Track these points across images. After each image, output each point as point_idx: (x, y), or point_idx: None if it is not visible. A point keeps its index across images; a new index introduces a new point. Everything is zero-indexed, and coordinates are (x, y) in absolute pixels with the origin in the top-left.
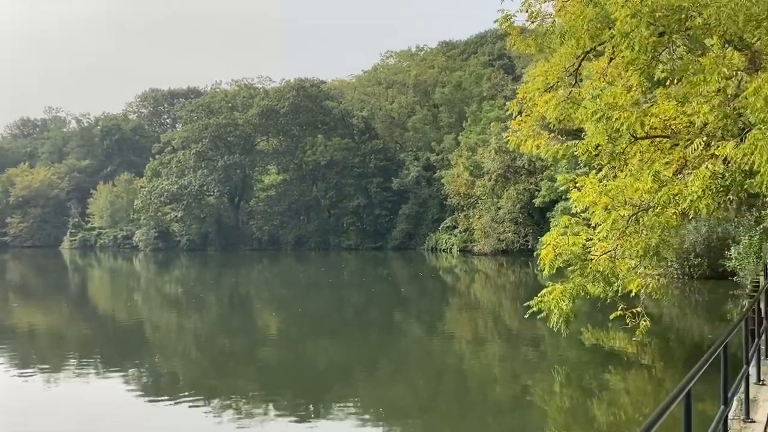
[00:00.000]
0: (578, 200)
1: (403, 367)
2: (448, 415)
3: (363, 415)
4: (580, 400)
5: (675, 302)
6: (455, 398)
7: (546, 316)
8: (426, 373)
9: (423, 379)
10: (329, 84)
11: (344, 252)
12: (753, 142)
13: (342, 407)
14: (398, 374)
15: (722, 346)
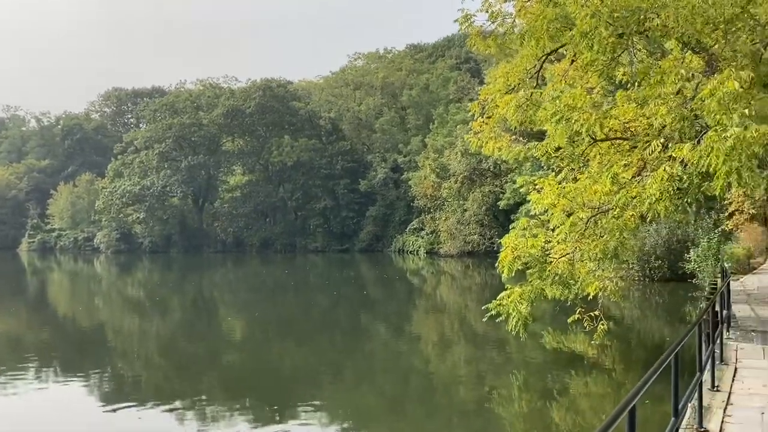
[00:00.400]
0: (537, 202)
1: (370, 369)
2: (414, 417)
3: (329, 418)
4: (541, 403)
5: (636, 304)
6: (421, 400)
7: (505, 320)
8: (392, 376)
9: (389, 381)
10: (296, 85)
11: (311, 254)
12: (709, 144)
13: (307, 410)
14: (364, 377)
15: (673, 354)
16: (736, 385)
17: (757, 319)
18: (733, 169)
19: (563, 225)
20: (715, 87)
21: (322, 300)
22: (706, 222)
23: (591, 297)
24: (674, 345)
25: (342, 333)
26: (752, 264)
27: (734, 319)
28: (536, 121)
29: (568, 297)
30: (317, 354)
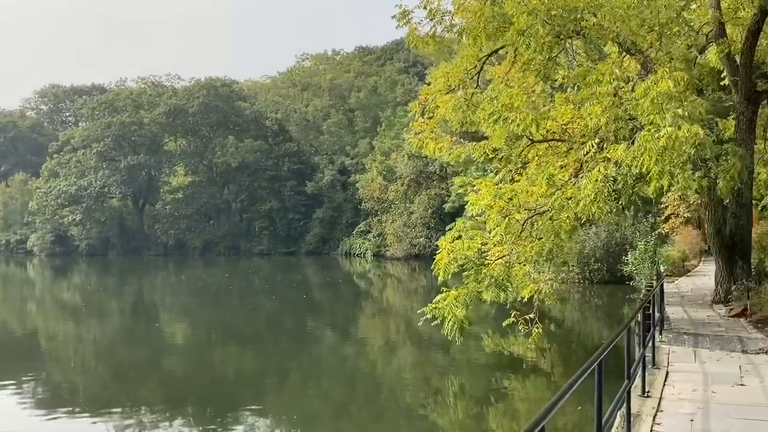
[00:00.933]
0: (474, 204)
1: (315, 373)
2: (360, 421)
3: (274, 424)
4: (481, 408)
5: (576, 306)
6: (367, 404)
7: (440, 323)
8: (338, 380)
9: (335, 385)
10: (242, 84)
11: (255, 257)
12: (642, 144)
13: (252, 416)
14: (310, 381)
15: (596, 363)
16: (666, 390)
17: (689, 321)
18: (666, 169)
19: (499, 227)
20: (649, 86)
21: (267, 303)
22: (643, 225)
23: (526, 300)
24: (596, 355)
25: (287, 337)
26: (687, 266)
27: (668, 321)
28: (476, 121)
29: (504, 300)
30: (262, 358)
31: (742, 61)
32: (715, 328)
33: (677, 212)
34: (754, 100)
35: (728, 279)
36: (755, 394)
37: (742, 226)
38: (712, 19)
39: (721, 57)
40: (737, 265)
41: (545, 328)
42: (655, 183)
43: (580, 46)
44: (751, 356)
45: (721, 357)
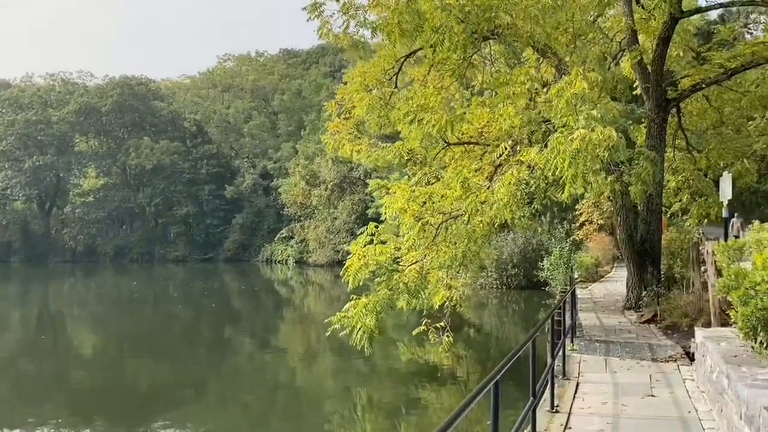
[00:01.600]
0: (388, 207)
1: (234, 384)
2: None
3: None
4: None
5: (494, 311)
6: (287, 415)
7: (349, 333)
8: (258, 390)
9: (255, 396)
10: (159, 83)
11: (171, 264)
12: (555, 146)
13: (166, 430)
14: (229, 392)
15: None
16: (576, 404)
17: (602, 328)
18: (579, 172)
19: (412, 231)
20: (563, 87)
21: (183, 313)
22: (558, 232)
23: (441, 306)
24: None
25: (205, 347)
26: (600, 272)
27: (580, 328)
28: (393, 122)
29: (420, 306)
30: (177, 370)
31: (653, 69)
32: (626, 335)
33: (591, 219)
34: (664, 107)
35: (639, 285)
36: (665, 406)
37: (653, 232)
38: (625, 26)
39: (633, 64)
40: (648, 271)
41: (464, 334)
42: (569, 187)
43: (498, 51)
44: (661, 364)
45: (631, 366)
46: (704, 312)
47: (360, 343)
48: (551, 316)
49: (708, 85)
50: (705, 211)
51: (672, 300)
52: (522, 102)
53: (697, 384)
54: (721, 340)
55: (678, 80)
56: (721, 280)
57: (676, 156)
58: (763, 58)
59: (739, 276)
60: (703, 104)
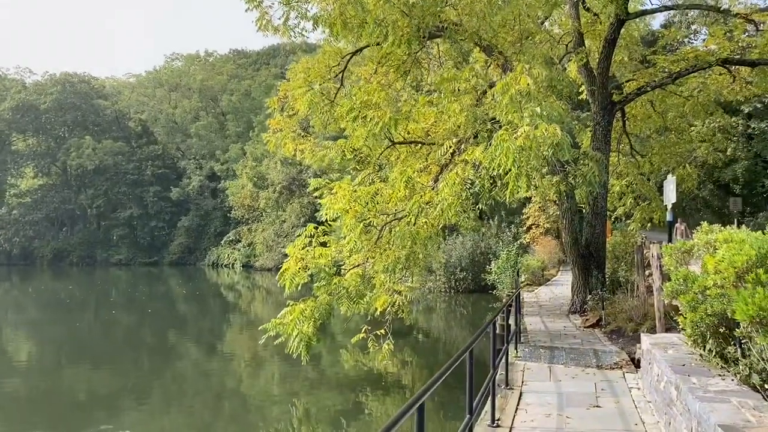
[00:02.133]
0: (329, 207)
1: (179, 392)
2: None
3: None
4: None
5: (442, 315)
6: (234, 421)
7: (285, 341)
8: (204, 397)
9: (200, 403)
10: (102, 81)
11: (113, 268)
12: (499, 144)
13: None
14: (173, 400)
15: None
16: (519, 417)
17: (547, 333)
18: (523, 171)
19: (353, 232)
20: (507, 83)
21: (126, 318)
22: (506, 235)
23: (380, 312)
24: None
25: (148, 353)
26: (546, 275)
27: (525, 333)
28: (335, 120)
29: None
30: (119, 377)
31: (599, 71)
32: (571, 340)
33: (538, 223)
34: (610, 110)
35: (584, 289)
36: (611, 418)
37: (598, 235)
38: (571, 29)
39: (579, 67)
40: (592, 275)
41: (412, 339)
42: (513, 185)
43: (446, 53)
44: (607, 372)
45: (576, 374)
46: (649, 317)
47: (296, 351)
48: (492, 323)
49: (653, 88)
50: (648, 215)
51: (616, 304)
52: (468, 100)
53: (643, 393)
54: (668, 347)
55: (623, 84)
56: (668, 285)
57: (620, 160)
58: (705, 63)
59: (688, 280)
60: (648, 109)
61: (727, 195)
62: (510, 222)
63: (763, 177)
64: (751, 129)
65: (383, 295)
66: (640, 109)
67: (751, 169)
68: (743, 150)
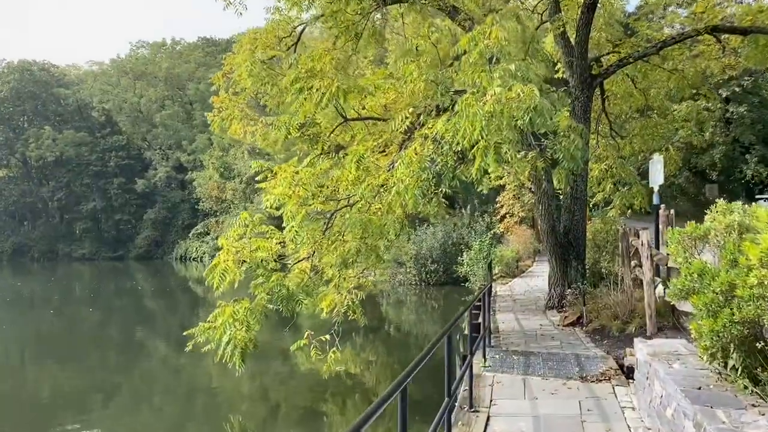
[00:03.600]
0: (269, 192)
1: (148, 389)
2: None
3: None
4: (310, 421)
5: (413, 309)
6: (205, 418)
7: (215, 348)
8: (174, 395)
9: (170, 400)
10: (63, 70)
11: (76, 263)
12: (464, 109)
13: None
14: (142, 398)
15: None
16: None
17: (521, 333)
18: (492, 143)
19: (294, 220)
20: (475, 37)
21: (91, 315)
22: (479, 225)
23: (325, 313)
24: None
25: (115, 350)
26: (521, 266)
27: (497, 334)
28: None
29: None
30: (85, 375)
31: (578, 40)
32: (549, 342)
33: (512, 211)
34: (589, 83)
35: (562, 281)
36: None
37: (577, 222)
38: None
39: (556, 36)
40: (571, 266)
41: (383, 333)
42: (480, 160)
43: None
44: (592, 385)
45: (557, 388)
46: (637, 313)
47: (230, 360)
48: (448, 332)
49: (636, 59)
50: (629, 201)
51: (599, 299)
52: (428, 60)
53: (640, 415)
54: (671, 358)
55: (603, 56)
56: (677, 281)
57: (599, 143)
58: (694, 31)
59: (706, 275)
60: (628, 86)
61: (703, 182)
62: (484, 211)
63: (741, 163)
64: (730, 113)
65: (331, 293)
66: (621, 85)
67: (728, 155)
68: (721, 135)
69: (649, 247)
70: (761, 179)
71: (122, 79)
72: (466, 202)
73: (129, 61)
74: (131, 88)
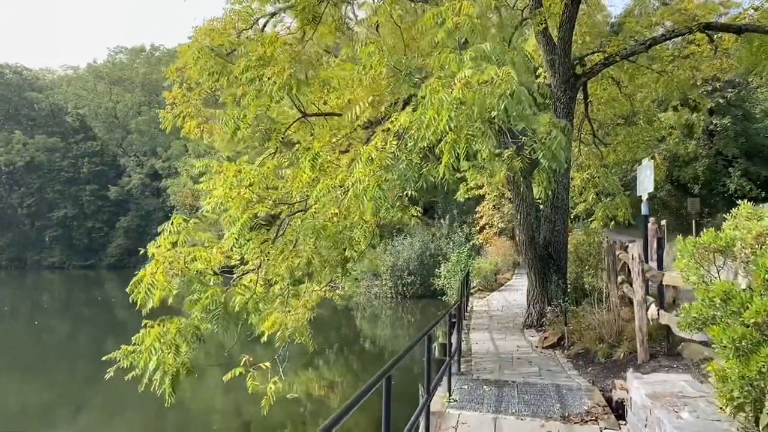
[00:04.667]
0: (209, 195)
1: (119, 402)
2: None
3: None
4: None
5: (388, 323)
6: None
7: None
8: (145, 408)
9: (141, 415)
10: (36, 73)
11: (46, 271)
12: (428, 97)
13: None
14: (113, 411)
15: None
16: None
17: (496, 357)
18: (462, 136)
19: (234, 226)
20: (442, 12)
21: (62, 325)
22: (458, 236)
23: (267, 336)
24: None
25: (85, 362)
26: (500, 279)
27: (468, 357)
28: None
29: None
30: (53, 387)
31: (560, 36)
32: (526, 369)
33: (492, 222)
34: (572, 83)
35: (542, 298)
36: None
37: (558, 233)
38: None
39: (537, 33)
40: (552, 281)
41: (358, 348)
42: (448, 157)
43: None
44: (576, 428)
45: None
46: (625, 336)
47: (159, 388)
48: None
49: (623, 57)
50: (611, 212)
51: (582, 318)
52: (390, 41)
53: None
54: (677, 403)
55: (588, 54)
56: (690, 307)
57: (581, 150)
58: (685, 28)
59: (733, 300)
60: (613, 90)
61: (685, 195)
62: (463, 221)
63: (724, 176)
64: (713, 125)
65: (277, 312)
66: (605, 90)
67: (711, 168)
68: (704, 147)
69: (640, 261)
70: (744, 193)
71: (98, 84)
72: (445, 211)
73: (106, 66)
74: (107, 94)
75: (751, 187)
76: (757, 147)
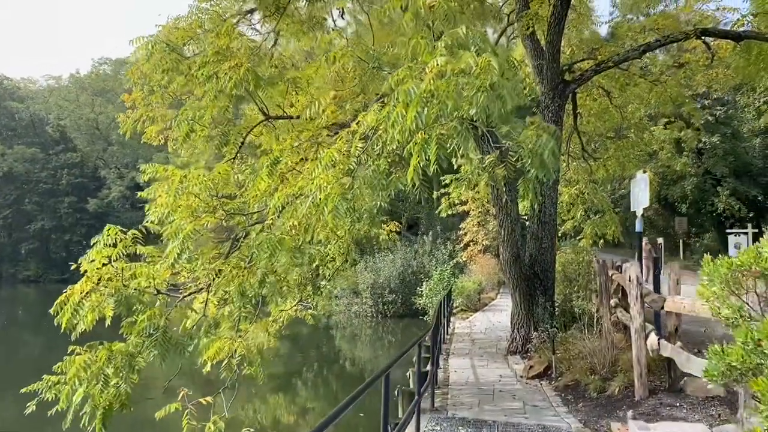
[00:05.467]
0: (155, 204)
1: None
2: None
3: None
4: None
5: (368, 343)
6: None
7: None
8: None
9: None
10: (17, 83)
11: (21, 285)
12: (395, 88)
13: None
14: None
15: None
16: None
17: (476, 389)
18: (433, 135)
19: (176, 239)
20: None
21: (36, 341)
22: (441, 253)
23: (210, 367)
24: None
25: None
26: (483, 299)
27: (445, 389)
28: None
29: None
30: (26, 404)
31: (549, 39)
32: (508, 404)
33: (476, 239)
34: (561, 91)
35: (527, 321)
36: None
37: (545, 250)
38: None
39: (524, 37)
40: (538, 303)
41: (339, 369)
42: (417, 159)
43: None
44: None
45: None
46: (620, 367)
47: (89, 427)
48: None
49: (617, 63)
50: (601, 230)
51: (571, 345)
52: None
53: None
54: None
55: (578, 61)
56: (725, 350)
57: (570, 165)
58: (681, 34)
59: None
60: (604, 102)
61: (672, 214)
62: (447, 238)
63: (712, 195)
64: (702, 143)
65: (223, 339)
66: (595, 101)
67: (700, 187)
68: (693, 166)
69: (638, 284)
70: (732, 212)
71: (81, 95)
72: (429, 227)
73: (89, 77)
74: (90, 105)
75: (739, 207)
76: (746, 166)
